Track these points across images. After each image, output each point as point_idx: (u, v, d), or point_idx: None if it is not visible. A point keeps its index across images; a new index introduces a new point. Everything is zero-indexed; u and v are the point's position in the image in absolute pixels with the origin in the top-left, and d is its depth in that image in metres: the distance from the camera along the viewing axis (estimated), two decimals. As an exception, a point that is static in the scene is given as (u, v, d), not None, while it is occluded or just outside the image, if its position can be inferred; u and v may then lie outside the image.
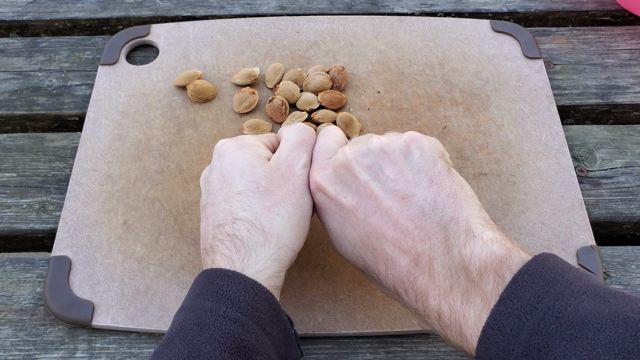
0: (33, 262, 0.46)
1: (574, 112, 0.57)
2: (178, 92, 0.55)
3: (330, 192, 0.36)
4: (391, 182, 0.34)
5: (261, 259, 0.34)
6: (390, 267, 0.33)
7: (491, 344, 0.27)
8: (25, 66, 0.58)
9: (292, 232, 0.35)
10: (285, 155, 0.38)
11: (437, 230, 0.32)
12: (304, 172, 0.38)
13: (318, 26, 0.60)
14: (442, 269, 0.31)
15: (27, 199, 0.49)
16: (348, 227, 0.35)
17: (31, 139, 0.53)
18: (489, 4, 0.65)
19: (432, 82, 0.55)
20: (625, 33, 0.62)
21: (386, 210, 0.33)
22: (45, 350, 0.41)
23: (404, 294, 0.33)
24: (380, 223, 0.33)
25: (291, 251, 0.36)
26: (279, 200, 0.36)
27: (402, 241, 0.32)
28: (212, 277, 0.32)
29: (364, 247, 0.34)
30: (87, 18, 0.63)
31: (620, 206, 0.49)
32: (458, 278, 0.30)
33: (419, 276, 0.31)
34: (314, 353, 0.41)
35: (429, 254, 0.31)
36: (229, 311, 0.31)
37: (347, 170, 0.36)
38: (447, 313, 0.30)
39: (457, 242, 0.31)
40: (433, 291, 0.31)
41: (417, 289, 0.31)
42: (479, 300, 0.29)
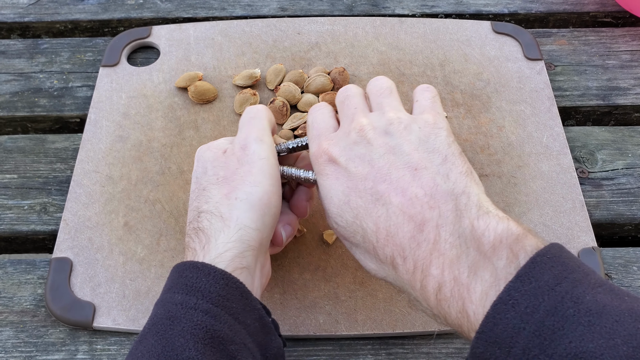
0: (34, 263, 0.46)
1: (575, 113, 0.57)
2: (179, 93, 0.55)
3: (341, 161, 0.35)
4: (406, 156, 0.34)
5: (220, 242, 0.34)
6: (391, 235, 0.32)
7: (501, 320, 0.26)
8: (27, 68, 0.59)
9: (252, 211, 0.35)
10: (238, 138, 0.39)
11: (447, 199, 0.31)
12: (259, 148, 0.37)
13: (319, 27, 0.60)
14: (449, 237, 0.30)
15: (28, 201, 0.49)
16: (353, 196, 0.34)
17: (32, 140, 0.53)
18: (489, 6, 0.65)
19: (433, 83, 0.55)
20: (626, 34, 0.62)
21: (397, 178, 0.33)
22: (46, 351, 0.41)
23: (401, 263, 0.31)
24: (388, 190, 0.32)
25: (254, 230, 0.35)
26: (236, 184, 0.36)
27: (409, 207, 0.31)
28: (181, 270, 0.32)
29: (367, 215, 0.33)
30: (88, 20, 0.63)
31: (622, 207, 0.49)
32: (467, 249, 0.29)
33: (423, 243, 0.30)
34: (315, 354, 0.41)
35: (436, 221, 0.30)
36: (200, 303, 0.31)
37: (363, 140, 0.35)
38: (450, 284, 0.29)
39: (469, 214, 0.30)
40: (437, 259, 0.29)
41: (418, 256, 0.30)
42: (487, 275, 0.28)
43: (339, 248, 0.45)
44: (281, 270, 0.44)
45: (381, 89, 0.39)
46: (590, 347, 0.24)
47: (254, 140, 0.38)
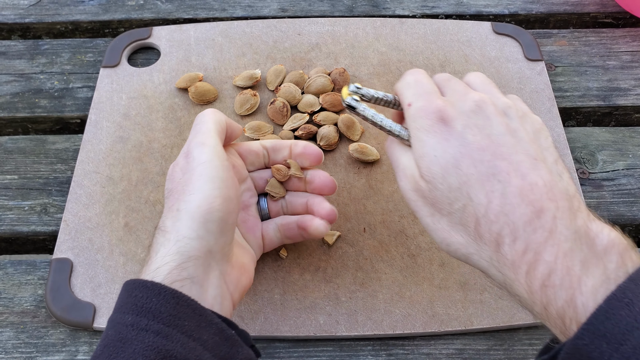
0: (34, 264, 0.46)
1: (575, 114, 0.57)
2: (179, 94, 0.55)
3: (456, 124, 0.34)
4: (525, 143, 0.33)
5: (159, 256, 0.34)
6: (505, 213, 0.31)
7: (613, 315, 0.26)
8: (27, 68, 0.59)
9: (191, 220, 0.34)
10: (183, 148, 0.39)
11: (563, 196, 0.31)
12: (198, 152, 0.37)
13: (319, 28, 0.60)
14: (565, 230, 0.30)
15: (29, 201, 0.49)
16: (466, 162, 0.32)
17: (33, 141, 0.53)
18: (490, 6, 0.65)
19: (433, 84, 0.55)
20: (627, 35, 0.62)
21: (518, 162, 0.32)
22: (46, 352, 0.41)
23: (509, 242, 0.31)
24: (509, 169, 0.32)
25: (194, 240, 0.34)
26: (178, 195, 0.36)
27: (528, 192, 0.31)
28: (131, 290, 0.32)
29: (478, 186, 0.32)
30: (88, 20, 0.64)
31: (622, 208, 0.49)
32: (581, 245, 0.29)
33: (539, 229, 0.30)
34: (315, 355, 0.41)
35: (554, 213, 0.30)
36: (151, 324, 0.30)
37: (482, 112, 0.34)
38: (561, 273, 0.29)
39: (582, 216, 0.31)
40: (551, 247, 0.29)
41: (532, 240, 0.30)
42: (598, 272, 0.28)
43: (340, 249, 0.45)
44: (281, 271, 0.44)
45: (486, 81, 0.39)
46: None
47: (195, 145, 0.37)
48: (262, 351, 0.41)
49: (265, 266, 0.44)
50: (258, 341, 0.42)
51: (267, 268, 0.44)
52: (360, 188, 0.48)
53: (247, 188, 0.43)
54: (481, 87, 0.38)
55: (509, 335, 0.42)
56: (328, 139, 0.50)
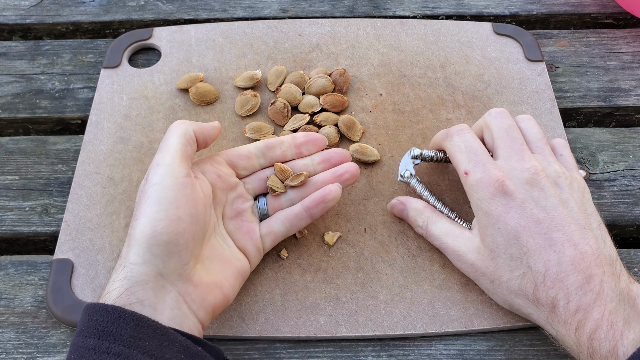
0: (35, 264, 0.46)
1: (576, 114, 0.57)
2: (180, 95, 0.55)
3: (517, 197, 0.38)
4: (575, 213, 0.38)
5: (111, 281, 0.35)
6: (560, 280, 0.35)
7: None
8: (28, 69, 0.59)
9: (137, 246, 0.35)
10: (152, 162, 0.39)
11: (608, 262, 0.36)
12: (152, 174, 0.37)
13: (320, 29, 0.60)
14: (610, 293, 0.34)
15: (30, 202, 0.49)
16: (525, 234, 0.37)
17: (34, 141, 0.53)
18: (490, 7, 0.65)
19: (434, 84, 0.55)
20: (628, 35, 0.62)
21: (570, 233, 0.36)
22: (47, 353, 0.41)
23: (563, 304, 0.35)
24: (562, 240, 0.36)
25: (141, 265, 0.34)
26: (132, 219, 0.36)
27: (580, 261, 0.35)
28: (91, 314, 0.32)
29: (536, 256, 0.36)
30: (89, 21, 0.64)
31: (623, 209, 0.49)
32: (623, 304, 0.34)
33: (589, 292, 0.35)
34: (316, 356, 0.41)
35: (601, 277, 0.35)
36: (112, 346, 0.31)
37: (537, 184, 0.38)
38: (606, 328, 0.33)
39: (624, 278, 0.36)
40: (599, 307, 0.34)
41: (583, 302, 0.34)
42: (639, 328, 0.33)
43: (340, 250, 0.45)
44: (282, 272, 0.44)
45: (539, 135, 0.42)
46: None
47: (152, 166, 0.38)
48: (263, 352, 0.41)
49: (266, 267, 0.44)
50: (258, 342, 0.42)
51: (267, 269, 0.44)
52: (360, 189, 0.48)
53: (238, 195, 0.43)
54: (535, 144, 0.41)
55: (510, 336, 0.42)
56: (329, 139, 0.50)
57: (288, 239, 0.45)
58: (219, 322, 0.41)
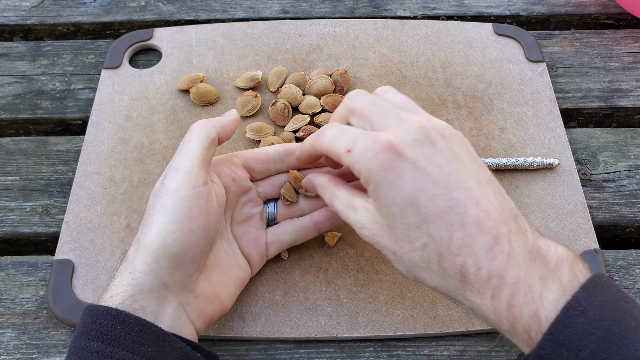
0: (36, 265, 0.46)
1: (577, 115, 0.57)
2: (181, 95, 0.55)
3: (408, 156, 0.32)
4: (468, 166, 0.33)
5: (115, 284, 0.34)
6: (466, 245, 0.31)
7: (570, 323, 0.28)
8: (29, 70, 0.59)
9: (145, 254, 0.34)
10: (169, 164, 0.38)
11: (511, 218, 0.32)
12: (169, 180, 0.36)
13: (320, 30, 0.60)
14: (520, 252, 0.31)
15: (31, 203, 0.49)
16: (423, 198, 0.32)
17: (34, 142, 0.53)
18: (491, 8, 0.65)
19: (434, 85, 0.55)
20: (628, 36, 0.61)
21: (469, 188, 0.32)
22: (48, 353, 0.41)
23: (473, 272, 0.31)
24: (463, 199, 0.31)
25: (147, 274, 0.34)
26: (143, 223, 0.36)
27: (485, 220, 0.31)
28: (95, 316, 0.32)
29: (438, 222, 0.32)
30: (90, 22, 0.64)
31: (624, 209, 0.49)
32: (536, 263, 0.31)
33: (499, 254, 0.31)
34: (316, 356, 0.41)
35: (508, 236, 0.31)
36: (115, 351, 0.31)
37: (428, 139, 0.33)
38: (524, 292, 0.30)
39: (529, 234, 0.32)
40: (512, 270, 0.30)
41: (495, 267, 0.31)
42: (556, 286, 0.30)
43: (341, 250, 0.45)
44: (283, 273, 0.44)
45: (406, 99, 0.38)
46: None
47: (170, 170, 0.37)
48: (263, 352, 0.41)
49: (267, 267, 0.44)
50: (259, 342, 0.42)
51: (268, 269, 0.44)
52: (361, 189, 0.48)
53: (249, 199, 0.43)
54: (407, 107, 0.37)
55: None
56: (329, 140, 0.50)
57: (289, 240, 0.45)
58: (220, 322, 0.41)
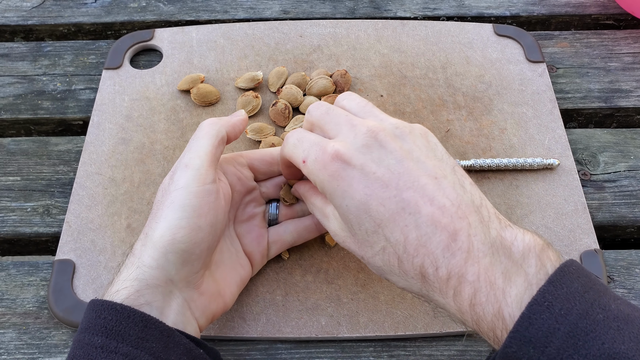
0: (37, 265, 0.46)
1: (577, 115, 0.57)
2: (182, 96, 0.55)
3: (355, 164, 0.32)
4: (422, 163, 0.33)
5: (121, 279, 0.34)
6: (422, 245, 0.31)
7: (536, 320, 0.27)
8: (30, 70, 0.59)
9: (153, 249, 0.34)
10: (178, 160, 0.38)
11: (471, 210, 0.31)
12: (180, 175, 0.36)
13: (321, 30, 0.60)
14: (482, 246, 0.30)
15: (31, 203, 0.49)
16: (374, 204, 0.32)
17: (35, 142, 0.53)
18: (491, 8, 0.65)
19: (435, 85, 0.55)
20: (629, 36, 0.62)
21: (422, 186, 0.31)
22: (49, 353, 0.41)
23: (432, 272, 0.31)
24: (415, 198, 0.31)
25: (155, 269, 0.34)
26: (152, 218, 0.36)
27: (440, 217, 0.31)
28: (99, 311, 0.32)
29: (392, 225, 0.31)
30: (91, 22, 0.64)
31: (624, 210, 0.49)
32: (499, 257, 0.30)
33: (457, 252, 0.30)
34: (317, 357, 0.41)
35: (467, 231, 0.30)
36: (120, 346, 0.31)
37: (377, 142, 0.33)
38: (486, 289, 0.29)
39: (494, 225, 0.31)
40: (472, 267, 0.30)
41: (453, 265, 0.30)
42: (520, 280, 0.29)
43: (341, 250, 0.45)
44: (283, 273, 0.44)
45: (362, 102, 0.37)
46: (622, 349, 0.25)
47: (180, 167, 0.36)
48: (264, 352, 0.41)
49: (267, 267, 0.44)
50: (260, 342, 0.42)
51: (269, 269, 0.44)
52: (361, 189, 0.49)
53: (253, 198, 0.43)
54: (362, 111, 0.37)
55: (511, 337, 0.42)
56: (330, 140, 0.50)
57: (289, 240, 0.45)
58: (221, 322, 0.42)
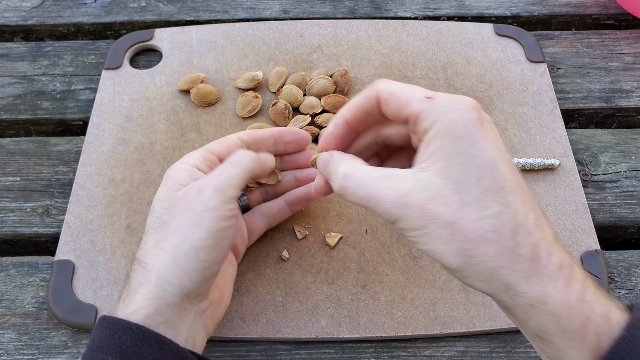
0: (36, 266, 0.46)
1: (577, 115, 0.57)
2: (181, 96, 0.55)
3: (487, 120, 0.31)
4: None
5: (138, 299, 0.33)
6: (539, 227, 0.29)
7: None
8: (29, 70, 0.59)
9: (176, 267, 0.33)
10: (201, 180, 0.36)
11: None
12: (211, 196, 0.35)
13: (321, 30, 0.60)
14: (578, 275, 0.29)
15: (31, 203, 0.49)
16: (503, 167, 0.29)
17: (35, 143, 0.53)
18: (492, 8, 0.65)
19: (435, 85, 0.55)
20: (629, 37, 0.61)
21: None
22: (48, 354, 0.41)
23: (545, 255, 0.28)
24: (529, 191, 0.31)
25: (175, 287, 0.33)
26: (169, 232, 0.34)
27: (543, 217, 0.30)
28: (113, 330, 0.32)
29: (515, 194, 0.29)
30: (91, 22, 0.64)
31: (625, 210, 0.49)
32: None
33: (563, 249, 0.29)
34: (317, 357, 0.41)
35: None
36: None
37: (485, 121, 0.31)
38: (593, 290, 0.28)
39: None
40: (577, 266, 0.29)
41: (564, 257, 0.29)
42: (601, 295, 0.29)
43: (341, 251, 0.45)
44: (283, 273, 0.44)
45: None
46: None
47: (213, 187, 0.35)
48: (264, 353, 0.41)
49: (267, 268, 0.44)
50: (260, 343, 0.42)
51: (268, 270, 0.44)
52: (362, 190, 0.48)
53: None
54: None
55: (512, 338, 0.42)
56: (330, 140, 0.50)
57: (289, 240, 0.45)
58: (220, 323, 0.41)
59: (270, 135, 0.42)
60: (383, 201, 0.30)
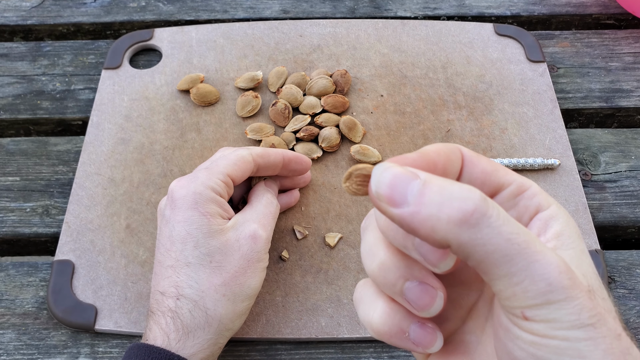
0: (36, 266, 0.46)
1: (577, 115, 0.57)
2: (181, 96, 0.55)
3: None
4: None
5: (198, 342, 0.34)
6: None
7: None
8: (29, 70, 0.59)
9: (235, 314, 0.35)
10: (255, 226, 0.38)
11: None
12: (261, 248, 0.38)
13: (321, 30, 0.60)
14: None
15: (31, 203, 0.49)
16: None
17: (35, 142, 0.53)
18: (492, 8, 0.65)
19: (435, 85, 0.55)
20: (629, 36, 0.61)
21: None
22: (48, 354, 0.41)
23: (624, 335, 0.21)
24: None
25: (231, 331, 0.36)
26: (228, 279, 0.35)
27: None
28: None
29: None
30: (90, 22, 0.64)
31: (625, 210, 0.49)
32: None
33: None
34: (317, 357, 0.41)
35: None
36: None
37: None
38: None
39: None
40: None
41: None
42: None
43: (341, 251, 0.45)
44: (283, 273, 0.44)
45: None
46: None
47: (265, 240, 0.38)
48: (264, 353, 0.41)
49: (267, 268, 0.44)
50: (259, 343, 0.42)
51: (268, 270, 0.44)
52: (362, 190, 0.48)
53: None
54: None
55: (512, 338, 0.42)
56: (330, 140, 0.50)
57: (289, 240, 0.45)
58: (220, 323, 0.42)
59: (280, 161, 0.42)
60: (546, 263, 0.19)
